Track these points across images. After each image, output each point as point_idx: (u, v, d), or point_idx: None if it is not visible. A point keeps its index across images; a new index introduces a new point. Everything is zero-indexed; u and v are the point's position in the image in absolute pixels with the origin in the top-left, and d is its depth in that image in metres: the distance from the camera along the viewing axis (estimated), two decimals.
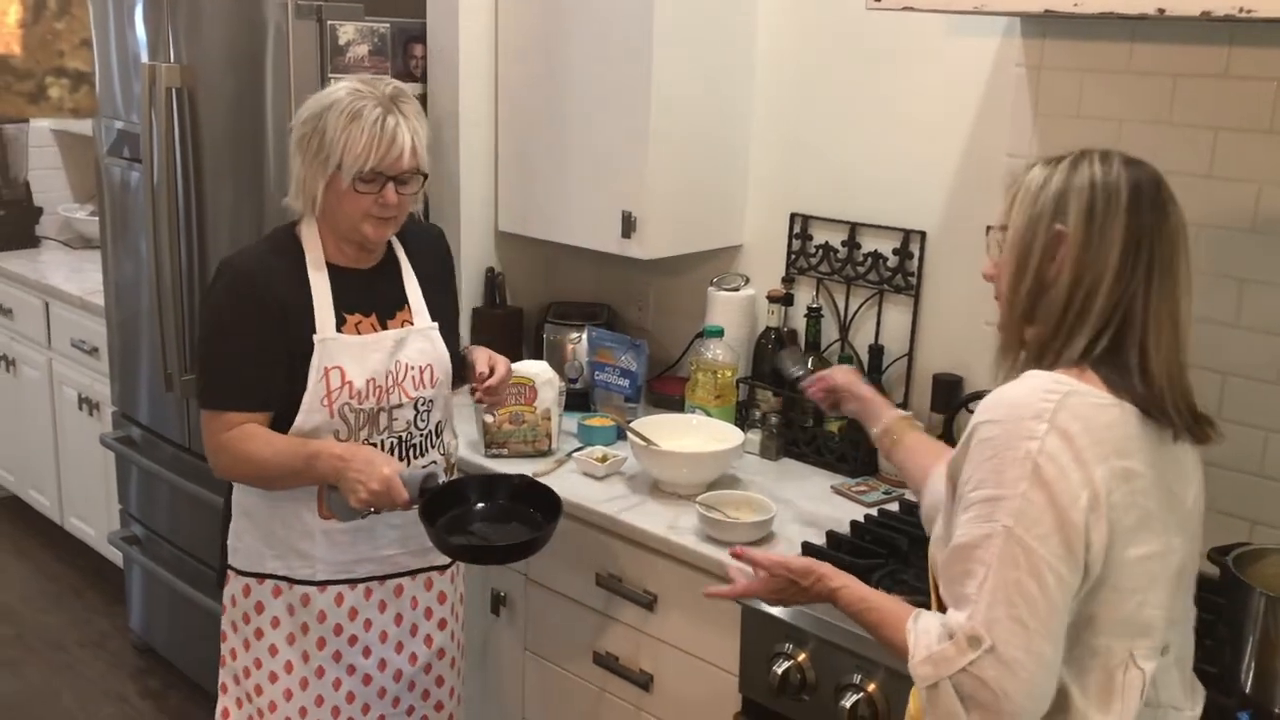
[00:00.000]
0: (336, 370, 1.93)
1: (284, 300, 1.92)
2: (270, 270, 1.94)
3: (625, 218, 2.51)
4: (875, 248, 2.47)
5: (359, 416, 1.96)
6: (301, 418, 1.93)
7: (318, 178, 1.90)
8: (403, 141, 1.89)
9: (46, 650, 3.56)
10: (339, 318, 1.96)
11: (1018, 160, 2.15)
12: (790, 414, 2.51)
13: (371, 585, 2.06)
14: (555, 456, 2.47)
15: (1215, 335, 1.97)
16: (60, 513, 4.07)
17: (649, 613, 2.18)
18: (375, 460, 1.87)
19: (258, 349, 1.92)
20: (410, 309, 2.05)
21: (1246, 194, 1.91)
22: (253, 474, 1.96)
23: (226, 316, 1.95)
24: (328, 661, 2.05)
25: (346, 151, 1.86)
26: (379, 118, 1.87)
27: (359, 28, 2.57)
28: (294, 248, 1.97)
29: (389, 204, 1.91)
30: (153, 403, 3.20)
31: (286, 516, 2.00)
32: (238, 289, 1.94)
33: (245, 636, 2.06)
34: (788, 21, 2.54)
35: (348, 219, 1.93)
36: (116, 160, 3.14)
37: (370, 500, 1.85)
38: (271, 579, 2.03)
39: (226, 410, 1.93)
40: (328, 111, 1.88)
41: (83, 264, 4.08)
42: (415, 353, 2.02)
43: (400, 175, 1.91)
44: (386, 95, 1.90)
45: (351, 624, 2.06)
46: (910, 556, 1.96)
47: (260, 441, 1.92)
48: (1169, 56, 1.95)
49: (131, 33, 2.94)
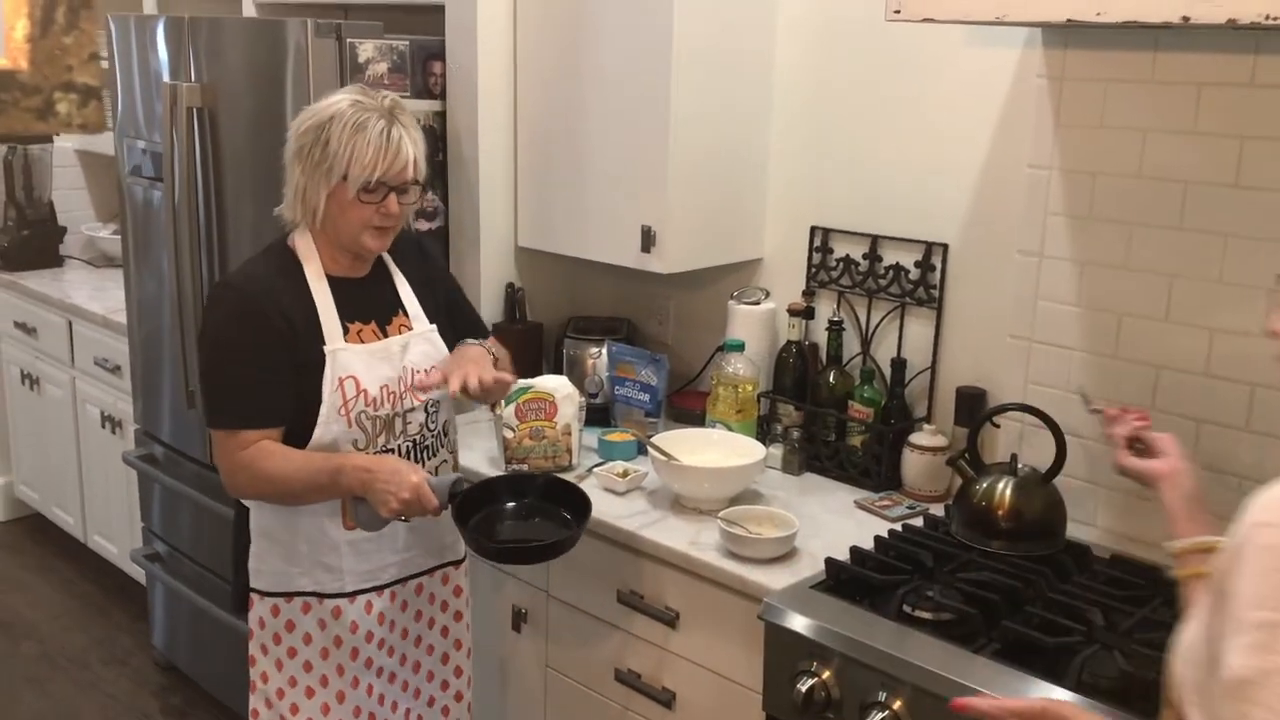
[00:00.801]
0: (351, 380, 1.95)
1: (289, 314, 1.93)
2: (271, 285, 1.95)
3: (645, 232, 2.50)
4: (897, 260, 2.45)
5: (375, 423, 1.98)
6: (320, 429, 1.94)
7: (320, 188, 1.92)
8: (407, 153, 1.92)
9: (71, 668, 3.57)
10: (344, 327, 1.98)
11: (1039, 171, 2.14)
12: (812, 428, 2.49)
13: (396, 588, 2.09)
14: (576, 472, 2.46)
15: (1243, 346, 1.94)
16: (84, 530, 4.09)
17: (671, 630, 2.17)
18: (402, 469, 1.89)
19: (267, 365, 1.93)
20: (407, 314, 2.07)
21: (1274, 203, 1.88)
22: (274, 492, 1.96)
23: (233, 335, 1.94)
24: (361, 670, 2.08)
25: (354, 162, 1.88)
26: (384, 129, 1.90)
27: (378, 46, 2.58)
28: (291, 261, 1.99)
29: (391, 214, 1.94)
30: (175, 420, 3.21)
31: (310, 533, 2.00)
32: (242, 306, 1.94)
33: (277, 657, 2.06)
34: (806, 34, 2.54)
35: (349, 229, 1.95)
36: (139, 180, 3.16)
37: (401, 509, 1.88)
38: (300, 596, 2.03)
39: (240, 429, 1.93)
40: (331, 123, 1.90)
41: (105, 283, 4.11)
42: (419, 356, 2.05)
43: (402, 185, 1.94)
44: (386, 107, 1.93)
45: (380, 628, 2.08)
46: (935, 573, 1.94)
47: (280, 459, 1.92)
48: (1193, 65, 1.93)
49: (153, 53, 2.96)
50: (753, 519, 2.13)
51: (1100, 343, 2.11)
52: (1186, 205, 1.97)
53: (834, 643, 1.81)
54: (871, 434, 2.41)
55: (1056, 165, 2.12)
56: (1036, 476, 2.04)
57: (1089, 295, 2.11)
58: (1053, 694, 1.62)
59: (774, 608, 1.89)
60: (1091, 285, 2.10)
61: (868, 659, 1.76)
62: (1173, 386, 2.03)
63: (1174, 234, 1.99)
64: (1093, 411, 1.92)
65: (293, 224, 2.00)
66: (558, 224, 2.71)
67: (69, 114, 0.83)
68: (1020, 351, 2.21)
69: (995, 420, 2.20)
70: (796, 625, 1.85)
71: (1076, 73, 2.07)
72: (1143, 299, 2.04)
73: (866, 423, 2.42)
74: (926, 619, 1.82)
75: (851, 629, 1.80)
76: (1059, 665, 1.67)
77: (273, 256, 2.02)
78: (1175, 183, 1.98)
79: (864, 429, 2.43)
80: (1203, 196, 1.96)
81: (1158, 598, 1.88)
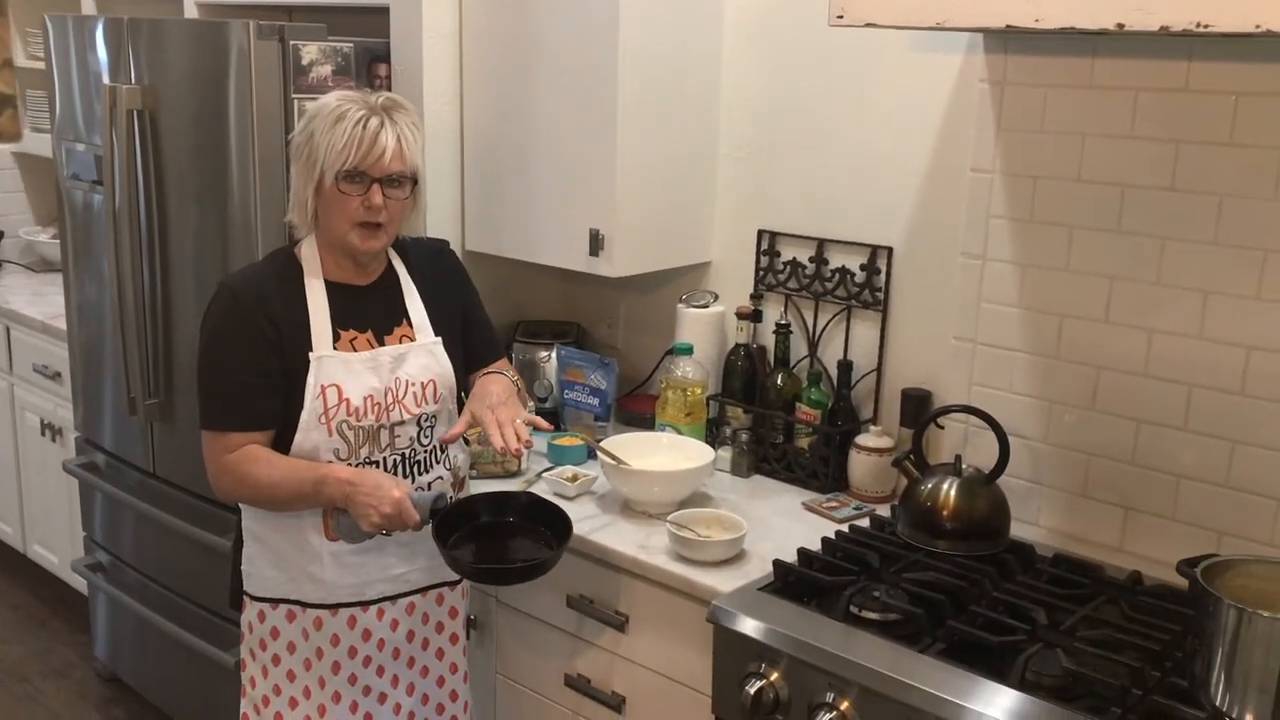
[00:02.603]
0: (334, 388, 1.93)
1: (278, 318, 1.92)
2: (266, 288, 1.94)
3: (593, 236, 2.50)
4: (843, 263, 2.47)
5: (358, 434, 1.96)
6: (300, 436, 1.92)
7: (308, 185, 1.92)
8: (385, 142, 1.88)
9: (8, 680, 3.49)
10: (334, 334, 1.95)
11: (982, 175, 2.16)
12: (761, 430, 2.50)
13: (384, 605, 2.06)
14: (525, 477, 2.45)
15: (1181, 347, 1.98)
16: (23, 540, 4.00)
17: (620, 634, 2.16)
18: (384, 484, 1.87)
19: (255, 368, 1.92)
20: (411, 325, 2.04)
21: (1208, 206, 1.92)
22: (256, 497, 1.96)
23: (223, 337, 1.94)
24: (343, 685, 2.05)
25: (329, 150, 1.87)
26: (363, 119, 1.88)
27: (322, 48, 2.55)
28: (292, 265, 1.98)
29: (374, 206, 1.90)
30: (117, 428, 3.15)
31: (295, 540, 1.99)
32: (233, 309, 1.93)
33: (263, 663, 2.06)
34: (753, 39, 2.55)
35: (337, 226, 1.93)
36: (78, 183, 3.10)
37: (382, 524, 1.87)
38: (285, 603, 2.02)
39: (227, 431, 1.93)
40: (315, 118, 1.91)
41: (44, 288, 4.03)
42: (417, 368, 2.01)
43: (386, 177, 1.90)
44: (377, 103, 1.91)
45: (365, 645, 2.05)
46: (881, 573, 1.95)
47: (264, 464, 1.91)
48: (1130, 71, 1.97)
49: (93, 54, 2.91)
50: (701, 522, 2.13)
51: (1042, 344, 2.13)
52: (1124, 208, 2.01)
53: (782, 644, 1.81)
54: (819, 436, 2.43)
55: (998, 169, 2.14)
56: (980, 477, 2.06)
57: (1031, 297, 2.14)
58: (998, 693, 1.64)
59: (722, 610, 1.89)
60: (1033, 287, 2.13)
61: (815, 660, 1.77)
62: (1113, 387, 2.06)
63: (1113, 237, 2.03)
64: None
65: (298, 228, 1.99)
66: (505, 227, 2.70)
67: None
68: (964, 353, 2.24)
69: (940, 421, 2.22)
70: (745, 627, 1.86)
71: (1017, 78, 2.10)
72: (1083, 301, 2.07)
73: (814, 425, 2.44)
74: (873, 619, 1.83)
75: (799, 630, 1.81)
76: (1004, 664, 1.69)
77: (275, 260, 2.01)
78: (1113, 186, 2.01)
79: (811, 431, 2.44)
80: (1140, 200, 1.99)
81: (1100, 596, 1.91)
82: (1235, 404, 1.94)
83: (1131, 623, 1.80)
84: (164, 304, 2.84)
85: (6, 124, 0.93)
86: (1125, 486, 2.07)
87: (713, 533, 2.10)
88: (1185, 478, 2.00)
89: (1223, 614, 1.54)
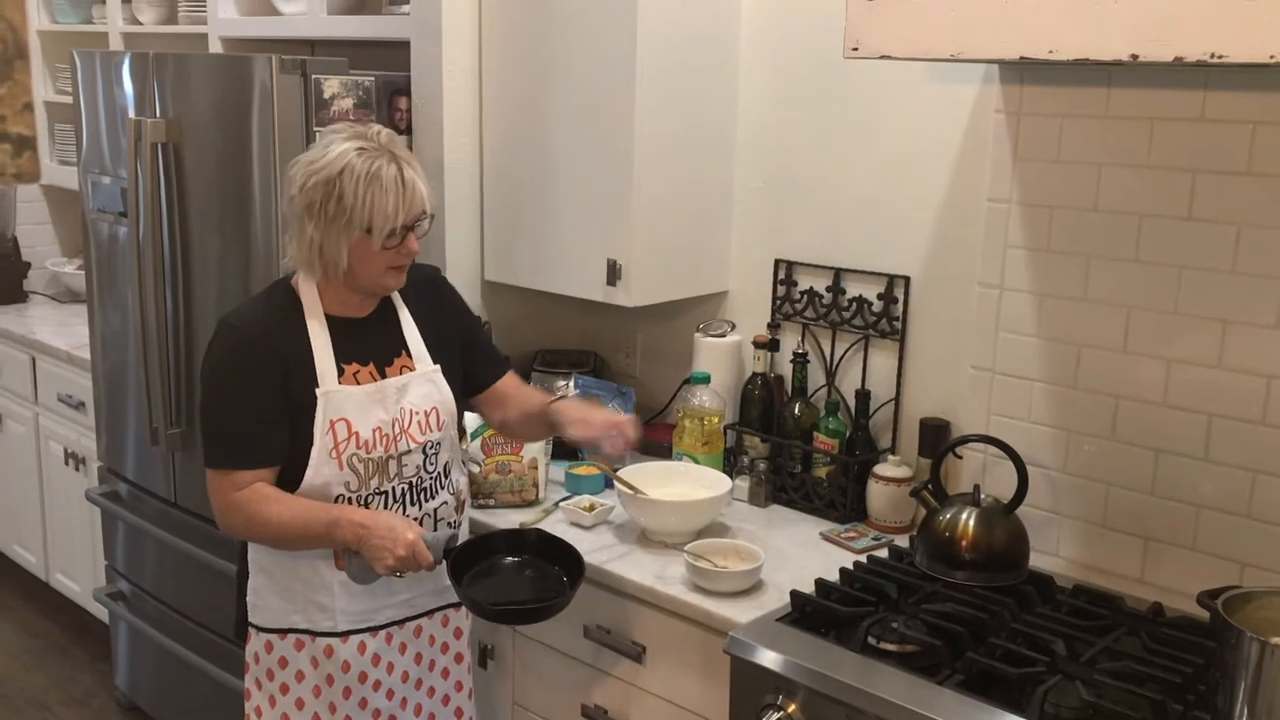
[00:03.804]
0: (343, 422, 1.94)
1: (283, 354, 1.93)
2: (268, 325, 1.95)
3: (611, 266, 2.51)
4: (860, 293, 2.47)
5: (368, 466, 1.97)
6: (311, 472, 1.93)
7: (341, 243, 1.89)
8: (420, 192, 1.92)
9: (30, 709, 3.51)
10: (339, 369, 1.96)
11: (999, 205, 2.16)
12: (778, 460, 2.50)
13: (392, 630, 2.07)
14: (542, 506, 2.45)
15: (1200, 377, 1.97)
16: (45, 569, 4.03)
17: (638, 665, 2.16)
18: (398, 527, 1.88)
19: (260, 406, 1.92)
20: (410, 354, 2.05)
21: (1226, 236, 1.91)
22: (265, 535, 1.95)
23: (227, 375, 1.94)
24: (354, 709, 2.06)
25: (375, 214, 1.87)
26: (396, 175, 1.88)
27: (343, 81, 2.59)
28: (291, 301, 1.98)
29: (413, 252, 1.95)
30: (139, 458, 3.17)
31: (303, 571, 2.00)
32: (237, 346, 1.94)
33: (270, 693, 2.06)
34: (769, 70, 2.57)
35: (372, 274, 1.95)
36: (104, 215, 3.14)
37: (397, 566, 1.88)
38: (294, 633, 2.03)
39: (233, 470, 1.93)
40: (342, 176, 1.86)
41: (70, 319, 4.07)
42: (419, 397, 2.03)
43: (417, 222, 1.95)
44: (386, 145, 1.91)
45: (375, 670, 2.06)
46: (900, 604, 1.94)
47: (274, 503, 1.91)
48: (1146, 101, 1.97)
49: (119, 89, 2.96)
50: (719, 552, 2.13)
51: (1060, 373, 2.13)
52: (1141, 237, 2.00)
53: (799, 676, 1.80)
54: (837, 465, 2.42)
55: (1015, 199, 2.15)
56: (999, 507, 2.05)
57: (1048, 326, 2.13)
58: None
59: (739, 642, 1.89)
60: (1051, 317, 2.13)
61: (833, 692, 1.76)
62: (1132, 416, 2.05)
63: (1130, 266, 2.02)
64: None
65: (307, 275, 1.97)
66: (524, 257, 2.72)
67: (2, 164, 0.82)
68: (982, 383, 2.23)
69: (958, 451, 2.22)
70: (762, 659, 1.85)
71: (1033, 108, 2.10)
72: (1101, 330, 2.07)
73: (832, 454, 2.43)
74: (891, 651, 1.82)
75: (816, 662, 1.80)
76: (1023, 696, 1.68)
77: (275, 296, 2.00)
78: (1130, 215, 2.01)
79: (829, 460, 2.44)
80: (1157, 229, 1.99)
81: (1120, 628, 1.89)
82: (1256, 434, 1.92)
83: (1152, 655, 1.78)
84: (186, 335, 2.87)
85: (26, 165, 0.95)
86: (1145, 517, 2.06)
87: (729, 563, 2.10)
88: (1206, 508, 1.99)
89: (1245, 647, 1.52)
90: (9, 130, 0.89)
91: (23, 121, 0.93)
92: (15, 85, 0.87)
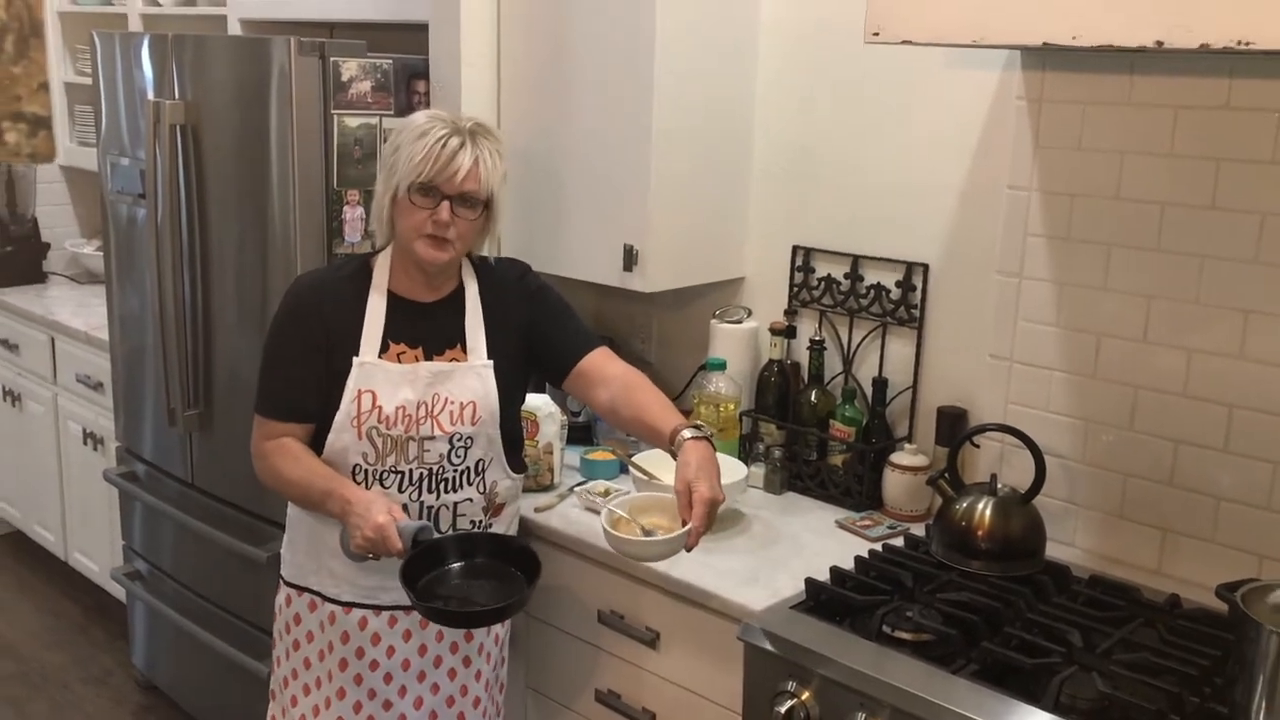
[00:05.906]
0: (369, 394, 1.98)
1: (328, 320, 2.00)
2: (327, 292, 2.03)
3: (627, 251, 2.51)
4: (878, 280, 2.46)
5: (387, 442, 1.99)
6: (332, 436, 1.99)
7: (386, 193, 1.98)
8: (462, 161, 1.93)
9: (49, 687, 3.54)
10: (384, 344, 2.01)
11: (1019, 193, 2.15)
12: (794, 447, 2.49)
13: (397, 614, 2.08)
14: (557, 491, 2.45)
15: (1221, 367, 1.95)
16: (64, 548, 4.06)
17: (651, 650, 2.16)
18: (373, 506, 1.89)
19: (294, 363, 2.01)
20: (465, 348, 2.06)
21: (1250, 225, 1.89)
22: (278, 487, 2.05)
23: (279, 331, 2.05)
24: (349, 684, 2.09)
25: (407, 162, 1.93)
26: (444, 137, 1.93)
27: (362, 64, 2.58)
28: (361, 272, 2.05)
29: (441, 221, 1.94)
30: (157, 438, 3.19)
31: (326, 536, 2.05)
32: (294, 307, 2.04)
33: (286, 646, 2.15)
34: (789, 55, 2.55)
35: (405, 235, 1.98)
36: (122, 196, 3.15)
37: (366, 546, 1.89)
38: (309, 593, 2.10)
39: (269, 418, 2.03)
40: (402, 132, 1.97)
41: (89, 299, 4.09)
42: (459, 388, 2.03)
43: (459, 195, 1.94)
44: (464, 126, 1.96)
45: (374, 649, 2.08)
46: (915, 593, 1.93)
47: (290, 460, 2.00)
48: (1170, 89, 1.95)
49: (138, 70, 2.96)
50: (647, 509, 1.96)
51: (1079, 363, 2.11)
52: (1164, 227, 1.99)
53: (813, 663, 1.80)
54: (853, 453, 2.42)
55: (1036, 186, 2.13)
56: (1016, 496, 2.04)
57: (1068, 316, 2.12)
58: (1032, 716, 1.62)
59: (753, 629, 1.89)
60: (1070, 306, 2.11)
61: (847, 680, 1.76)
62: (1151, 407, 2.04)
63: (1151, 255, 2.00)
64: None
65: (377, 237, 2.06)
66: (540, 243, 2.71)
67: (18, 144, 0.82)
68: (1000, 371, 2.22)
69: (975, 440, 2.21)
70: (776, 646, 1.85)
71: (1055, 95, 2.08)
72: (1121, 319, 2.05)
73: (848, 442, 2.42)
74: (906, 639, 1.81)
75: (831, 650, 1.80)
76: (1038, 687, 1.67)
77: (346, 266, 2.09)
78: (1152, 204, 1.99)
79: (845, 448, 2.43)
80: (1179, 218, 1.97)
81: (1137, 619, 1.88)
82: (1278, 425, 1.91)
83: (1169, 646, 1.78)
84: (204, 316, 2.88)
85: (41, 145, 0.95)
86: (1164, 508, 2.04)
87: (659, 521, 1.93)
88: (1225, 500, 1.97)
89: (1264, 640, 1.51)
90: (25, 110, 0.89)
91: (38, 101, 0.93)
92: (31, 64, 0.87)
